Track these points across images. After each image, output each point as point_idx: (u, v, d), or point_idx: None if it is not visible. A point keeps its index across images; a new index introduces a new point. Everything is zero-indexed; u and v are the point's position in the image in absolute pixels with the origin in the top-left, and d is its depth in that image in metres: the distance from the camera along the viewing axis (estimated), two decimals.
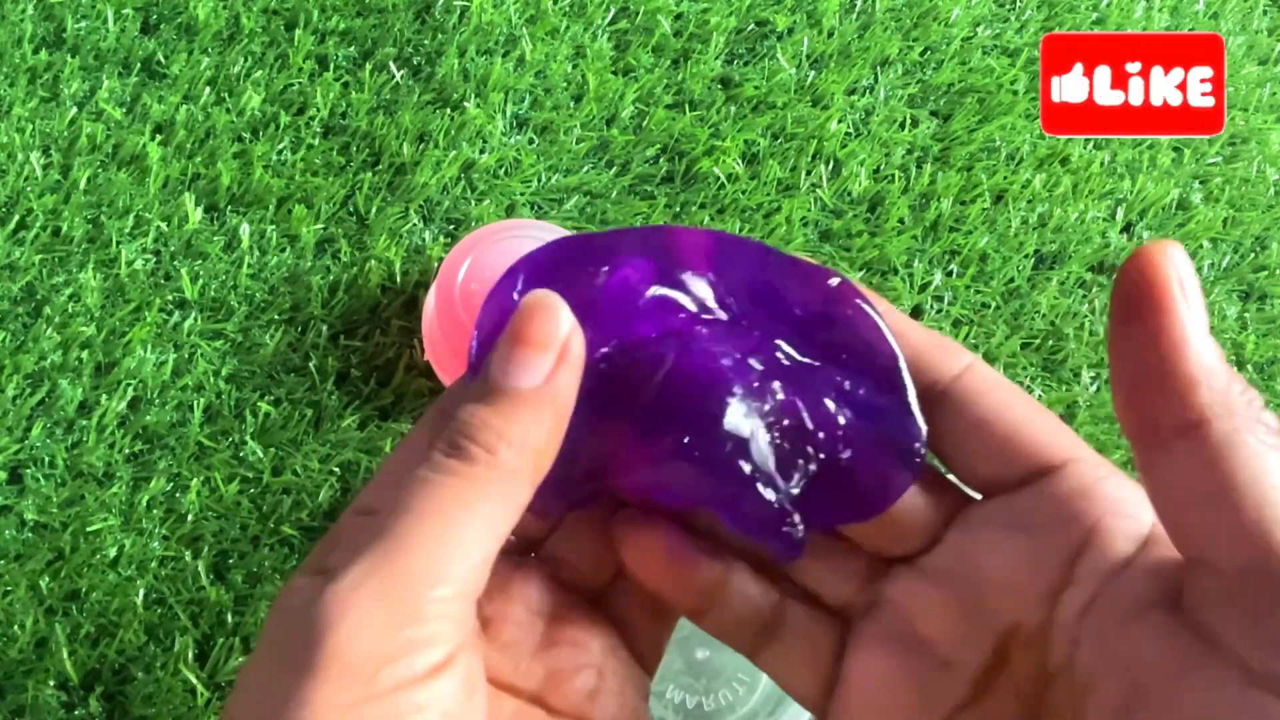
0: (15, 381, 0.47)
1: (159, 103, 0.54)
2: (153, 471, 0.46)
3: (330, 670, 0.19)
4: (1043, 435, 0.23)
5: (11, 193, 0.51)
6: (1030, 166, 0.56)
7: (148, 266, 0.50)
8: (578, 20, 0.58)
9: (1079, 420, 0.49)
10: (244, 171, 0.52)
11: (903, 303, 0.52)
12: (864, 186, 0.55)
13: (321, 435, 0.47)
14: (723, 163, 0.54)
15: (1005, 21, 0.61)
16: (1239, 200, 0.56)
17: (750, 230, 0.53)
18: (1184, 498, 0.20)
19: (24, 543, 0.44)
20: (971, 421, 0.23)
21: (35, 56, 0.55)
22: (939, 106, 0.58)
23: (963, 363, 0.23)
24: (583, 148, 0.54)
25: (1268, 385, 0.51)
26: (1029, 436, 0.23)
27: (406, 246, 0.51)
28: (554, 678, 0.24)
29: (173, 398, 0.47)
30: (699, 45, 0.58)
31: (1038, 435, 0.23)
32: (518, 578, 0.25)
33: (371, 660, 0.19)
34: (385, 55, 0.56)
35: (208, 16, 0.56)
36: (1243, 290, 0.54)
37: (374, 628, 0.19)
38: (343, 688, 0.19)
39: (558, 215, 0.53)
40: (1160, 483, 0.20)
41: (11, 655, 0.42)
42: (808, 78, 0.58)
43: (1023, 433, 0.23)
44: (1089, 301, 0.53)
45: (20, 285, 0.49)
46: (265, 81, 0.55)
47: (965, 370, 0.23)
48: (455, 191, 0.53)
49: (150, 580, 0.44)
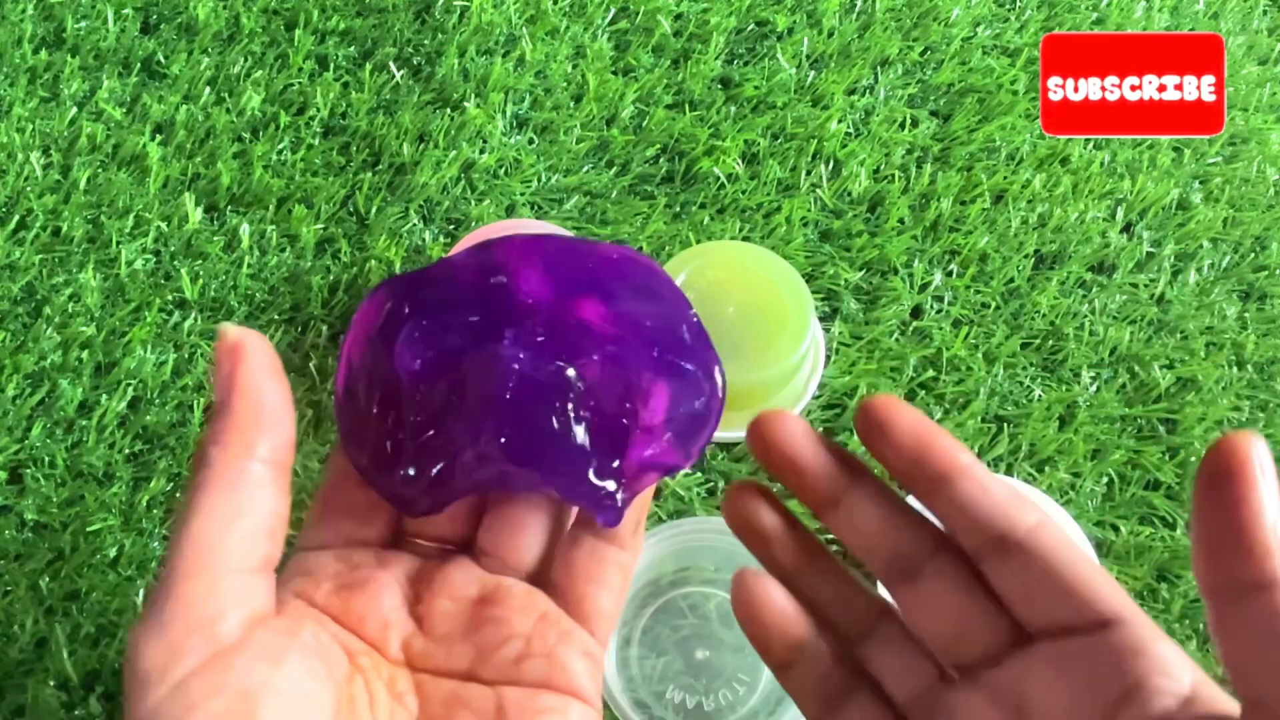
0: (15, 381, 0.47)
1: (159, 103, 0.54)
2: (153, 471, 0.46)
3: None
4: (1104, 592, 0.25)
5: (11, 193, 0.51)
6: (1030, 166, 0.56)
7: (148, 266, 0.50)
8: (578, 20, 0.58)
9: (1079, 420, 0.49)
10: (244, 171, 0.52)
11: (903, 303, 0.52)
12: (864, 186, 0.55)
13: (321, 435, 0.47)
14: (723, 163, 0.54)
15: (1005, 21, 0.61)
16: (1239, 200, 0.56)
17: (750, 230, 0.53)
18: (1252, 645, 0.23)
19: (24, 543, 0.44)
20: (1041, 571, 0.26)
21: (35, 56, 0.55)
22: (939, 106, 0.58)
23: (1036, 518, 0.26)
24: (583, 148, 0.54)
25: (1268, 385, 0.51)
26: (1092, 591, 0.25)
27: (406, 246, 0.51)
28: (482, 652, 0.26)
29: (173, 398, 0.47)
30: (699, 45, 0.58)
31: (1099, 591, 0.25)
32: (441, 573, 0.28)
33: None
34: (385, 55, 0.56)
35: (208, 16, 0.56)
36: (1243, 290, 0.54)
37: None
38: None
39: (558, 215, 0.53)
40: (1230, 630, 0.23)
41: (11, 655, 0.42)
42: (808, 78, 0.58)
43: (1087, 587, 0.25)
44: (1089, 301, 0.53)
45: (20, 285, 0.49)
46: (265, 81, 0.55)
47: (1038, 525, 0.26)
48: (455, 191, 0.53)
49: (150, 580, 0.44)
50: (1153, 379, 0.51)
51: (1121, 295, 0.53)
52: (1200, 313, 0.53)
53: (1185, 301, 0.53)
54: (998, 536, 0.26)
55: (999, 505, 0.27)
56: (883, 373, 0.50)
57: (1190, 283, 0.54)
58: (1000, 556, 0.26)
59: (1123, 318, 0.52)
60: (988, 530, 0.26)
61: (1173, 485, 0.48)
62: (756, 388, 0.46)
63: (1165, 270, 0.54)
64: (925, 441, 0.27)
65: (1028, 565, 0.26)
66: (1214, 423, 0.50)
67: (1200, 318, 0.53)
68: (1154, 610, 0.45)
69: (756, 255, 0.48)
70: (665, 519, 0.46)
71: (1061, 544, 0.26)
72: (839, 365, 0.50)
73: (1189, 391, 0.51)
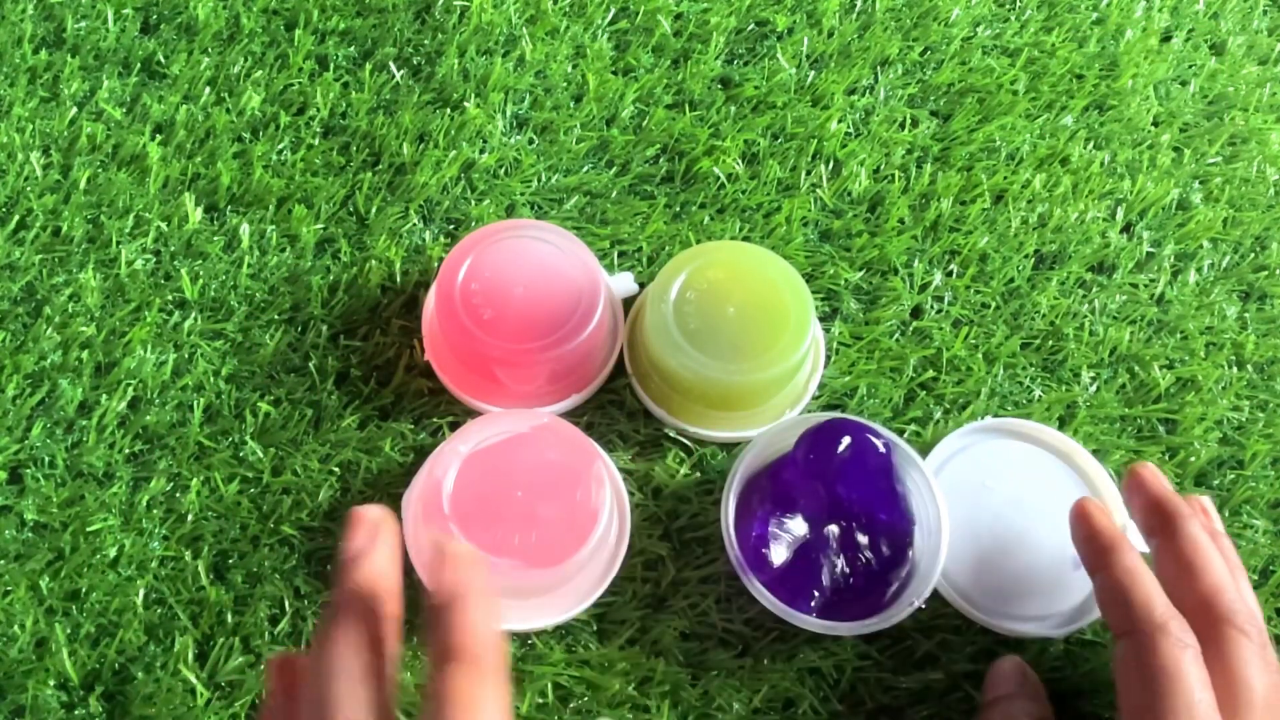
0: (15, 381, 0.47)
1: (159, 103, 0.54)
2: (153, 471, 0.46)
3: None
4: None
5: (11, 193, 0.51)
6: (1030, 166, 0.56)
7: (148, 266, 0.50)
8: (578, 20, 0.58)
9: (1079, 420, 0.49)
10: (244, 171, 0.52)
11: (903, 303, 0.52)
12: (864, 186, 0.55)
13: (321, 435, 0.47)
14: (723, 163, 0.54)
15: (1005, 21, 0.61)
16: (1239, 200, 0.56)
17: (750, 230, 0.53)
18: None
19: (24, 543, 0.44)
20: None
21: (35, 56, 0.55)
22: (939, 106, 0.58)
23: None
24: (583, 148, 0.54)
25: (1268, 385, 0.51)
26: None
27: (406, 246, 0.51)
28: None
29: (173, 398, 0.47)
30: (699, 45, 0.58)
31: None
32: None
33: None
34: (385, 55, 0.56)
35: (208, 16, 0.56)
36: (1243, 290, 0.54)
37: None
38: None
39: (558, 215, 0.53)
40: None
41: (11, 655, 0.42)
42: (808, 78, 0.58)
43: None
44: (1089, 301, 0.53)
45: (20, 285, 0.49)
46: (265, 81, 0.55)
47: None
48: (455, 191, 0.53)
49: (150, 580, 0.44)
50: (1153, 379, 0.51)
51: (1121, 295, 0.53)
52: (1200, 313, 0.53)
53: (1185, 301, 0.53)
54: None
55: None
56: (883, 373, 0.50)
57: (1190, 283, 0.54)
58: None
59: (1123, 318, 0.52)
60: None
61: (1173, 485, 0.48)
62: (757, 388, 0.46)
63: (1165, 270, 0.54)
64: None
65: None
66: (1214, 423, 0.50)
67: (1200, 318, 0.53)
68: None
69: (757, 255, 0.48)
70: (664, 518, 0.46)
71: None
72: (839, 365, 0.50)
73: (1189, 391, 0.51)
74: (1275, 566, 0.47)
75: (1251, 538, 0.47)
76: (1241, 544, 0.47)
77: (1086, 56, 0.60)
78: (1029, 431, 0.48)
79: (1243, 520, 0.48)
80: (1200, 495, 0.44)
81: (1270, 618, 0.46)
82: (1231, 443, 0.50)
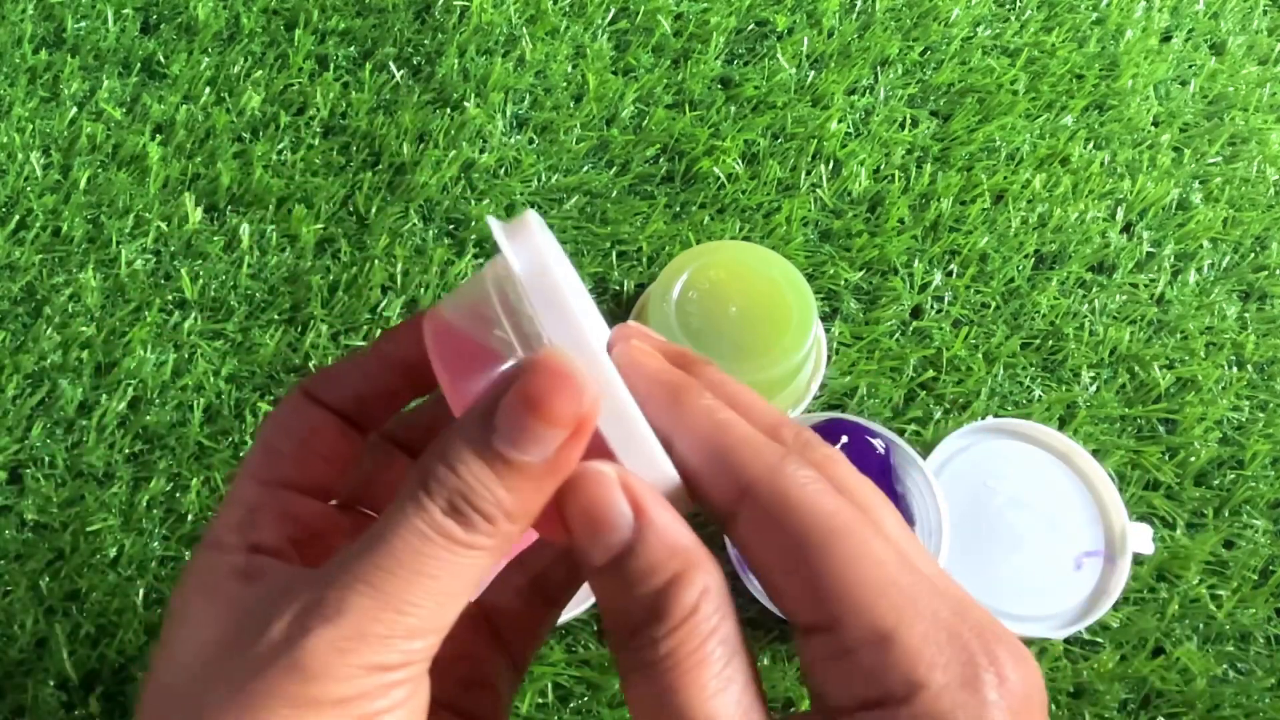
0: (15, 381, 0.47)
1: (159, 103, 0.54)
2: (153, 471, 0.46)
3: (304, 700, 0.20)
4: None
5: (11, 193, 0.51)
6: (1030, 166, 0.56)
7: (148, 266, 0.50)
8: (578, 20, 0.58)
9: (1079, 420, 0.49)
10: (244, 171, 0.52)
11: (903, 303, 0.52)
12: (864, 186, 0.55)
13: None
14: (723, 163, 0.54)
15: (1005, 21, 0.61)
16: (1239, 200, 0.56)
17: (750, 230, 0.53)
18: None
19: (24, 543, 0.44)
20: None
21: (35, 56, 0.55)
22: (939, 106, 0.58)
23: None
24: (583, 148, 0.54)
25: (1268, 385, 0.51)
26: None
27: (407, 246, 0.51)
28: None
29: (173, 398, 0.47)
30: (699, 45, 0.58)
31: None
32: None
33: (340, 696, 0.20)
34: (385, 55, 0.56)
35: (208, 16, 0.56)
36: (1243, 290, 0.54)
37: (352, 670, 0.20)
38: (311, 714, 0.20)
39: (558, 215, 0.53)
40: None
41: (11, 655, 0.42)
42: (808, 78, 0.58)
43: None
44: (1089, 301, 0.53)
45: (20, 285, 0.49)
46: (265, 81, 0.55)
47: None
48: (455, 191, 0.53)
49: (150, 580, 0.44)
50: (1153, 379, 0.51)
51: (1121, 295, 0.53)
52: (1200, 313, 0.53)
53: (1185, 301, 0.53)
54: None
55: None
56: (883, 373, 0.50)
57: (1190, 283, 0.54)
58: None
59: (1123, 318, 0.52)
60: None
61: (1172, 485, 0.48)
62: (759, 387, 0.46)
63: (1165, 270, 0.54)
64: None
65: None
66: (1214, 423, 0.50)
67: (1200, 318, 0.53)
68: (1153, 610, 0.45)
69: (759, 255, 0.48)
70: None
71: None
72: (839, 365, 0.50)
73: (1189, 391, 0.51)
74: (1275, 566, 0.47)
75: (1251, 538, 0.47)
76: (1242, 544, 0.47)
77: (1086, 56, 0.60)
78: (1029, 431, 0.48)
79: (1243, 520, 0.48)
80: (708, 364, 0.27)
81: (1270, 618, 0.46)
82: (1231, 443, 0.50)
